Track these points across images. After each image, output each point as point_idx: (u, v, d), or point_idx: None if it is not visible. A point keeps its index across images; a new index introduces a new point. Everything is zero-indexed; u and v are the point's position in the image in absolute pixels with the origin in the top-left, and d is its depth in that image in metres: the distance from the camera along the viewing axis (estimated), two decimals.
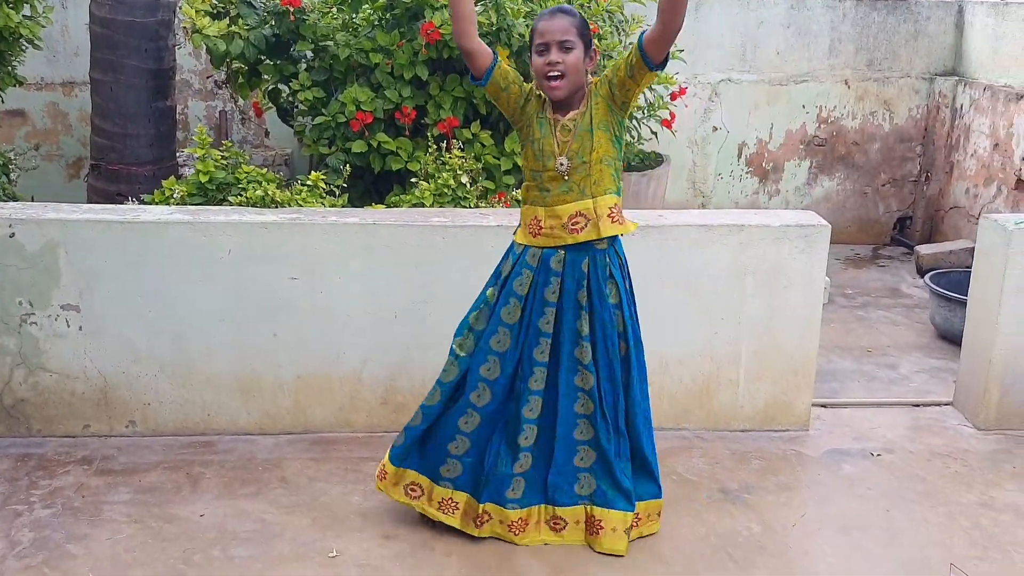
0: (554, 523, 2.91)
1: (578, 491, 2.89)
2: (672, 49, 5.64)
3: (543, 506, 2.91)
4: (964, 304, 4.21)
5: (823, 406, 3.96)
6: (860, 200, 7.23)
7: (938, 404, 4.04)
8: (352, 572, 2.79)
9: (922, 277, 5.59)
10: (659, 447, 3.56)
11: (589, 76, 2.68)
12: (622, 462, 2.87)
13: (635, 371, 2.84)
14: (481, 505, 2.87)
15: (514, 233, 2.86)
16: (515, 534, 2.89)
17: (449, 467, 2.88)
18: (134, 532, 2.95)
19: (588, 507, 2.89)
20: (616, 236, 2.77)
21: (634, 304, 2.88)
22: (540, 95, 2.73)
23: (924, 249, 6.36)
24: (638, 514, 2.91)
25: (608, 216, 2.70)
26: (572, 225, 2.68)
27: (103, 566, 2.78)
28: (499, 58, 2.69)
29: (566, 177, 2.67)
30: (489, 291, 2.82)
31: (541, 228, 2.72)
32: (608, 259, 2.76)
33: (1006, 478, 3.42)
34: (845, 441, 3.67)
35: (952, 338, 4.94)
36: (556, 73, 2.59)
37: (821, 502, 3.24)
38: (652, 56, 2.57)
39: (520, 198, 2.87)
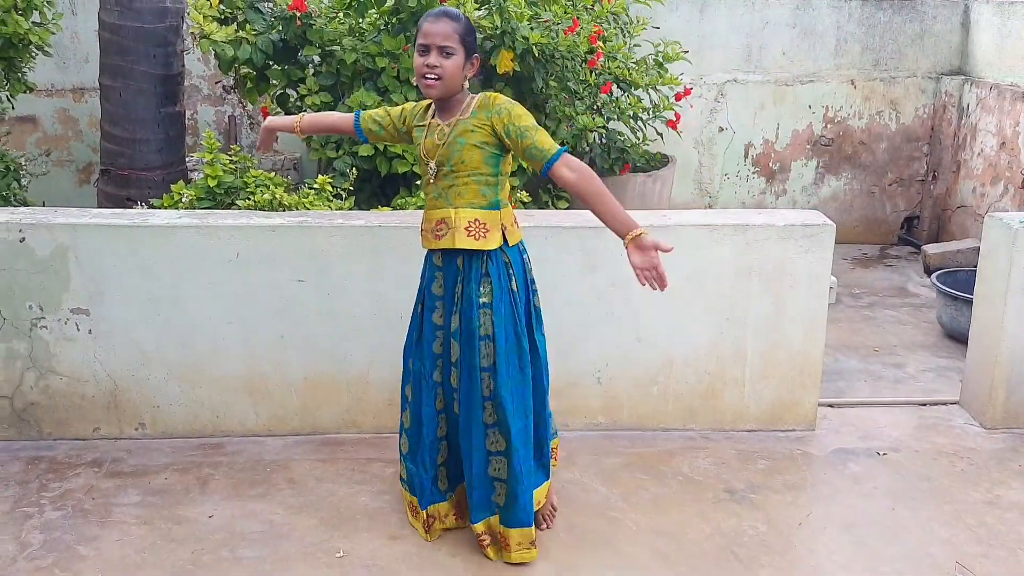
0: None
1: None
2: (677, 50, 5.66)
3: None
4: (971, 303, 4.21)
5: (829, 406, 3.96)
6: (867, 200, 7.23)
7: (944, 403, 4.04)
8: (359, 572, 2.81)
9: (929, 276, 5.58)
10: (665, 447, 3.59)
11: (466, 84, 2.69)
12: (479, 466, 2.80)
13: (503, 378, 2.72)
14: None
15: None
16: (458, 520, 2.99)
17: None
18: (144, 533, 2.98)
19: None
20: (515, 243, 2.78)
21: (529, 312, 2.80)
22: (417, 106, 2.82)
23: (931, 248, 6.35)
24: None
25: (465, 230, 2.69)
26: (437, 231, 2.74)
27: (113, 567, 2.81)
28: (359, 115, 2.91)
29: (433, 181, 2.72)
30: (418, 305, 2.93)
31: (423, 229, 2.82)
32: (486, 257, 2.71)
33: (1012, 476, 3.42)
34: (851, 440, 3.68)
35: (959, 337, 4.94)
36: (433, 76, 2.61)
37: (827, 501, 3.25)
38: (550, 176, 2.64)
39: None
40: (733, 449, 3.59)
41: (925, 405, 4.03)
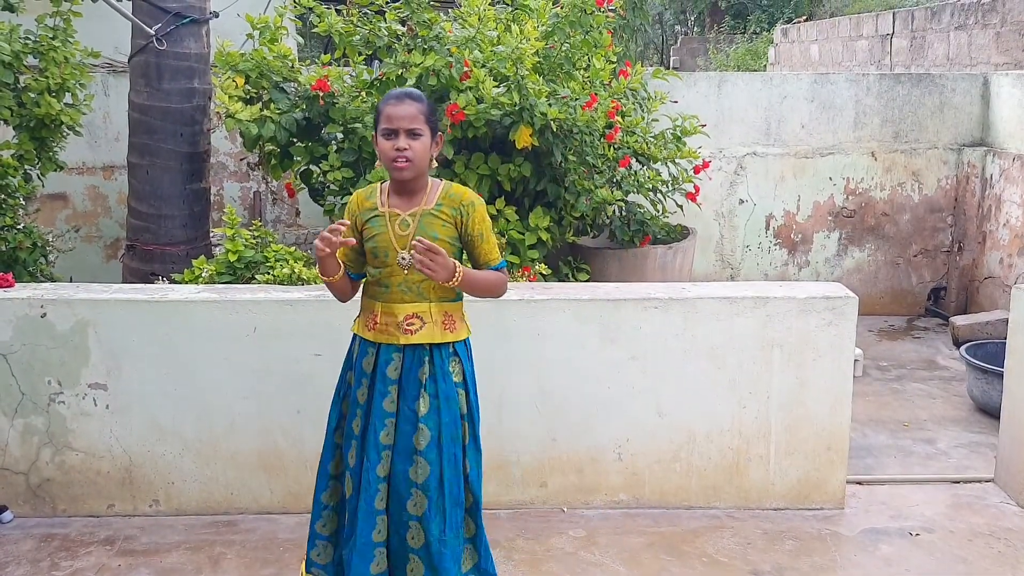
0: None
1: None
2: (695, 124, 5.71)
3: None
4: (1002, 376, 4.10)
5: (858, 483, 3.85)
6: (892, 271, 7.15)
7: (979, 481, 3.91)
8: None
9: (958, 348, 5.47)
10: (689, 526, 3.49)
11: (433, 162, 2.64)
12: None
13: (472, 459, 2.69)
14: None
15: (354, 321, 2.78)
16: None
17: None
18: None
19: None
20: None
21: (476, 392, 2.75)
22: (356, 196, 2.69)
23: (959, 320, 6.25)
24: None
25: (443, 323, 2.63)
26: (407, 326, 2.60)
27: None
28: (341, 265, 2.67)
29: (406, 272, 2.59)
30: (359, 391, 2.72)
31: (376, 323, 2.64)
32: (452, 345, 2.67)
33: None
34: (882, 520, 3.55)
35: (991, 411, 4.81)
36: (404, 159, 2.53)
37: None
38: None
39: (363, 292, 2.76)
40: (759, 529, 3.48)
41: (958, 483, 3.90)
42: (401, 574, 2.64)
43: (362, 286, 2.73)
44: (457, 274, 2.52)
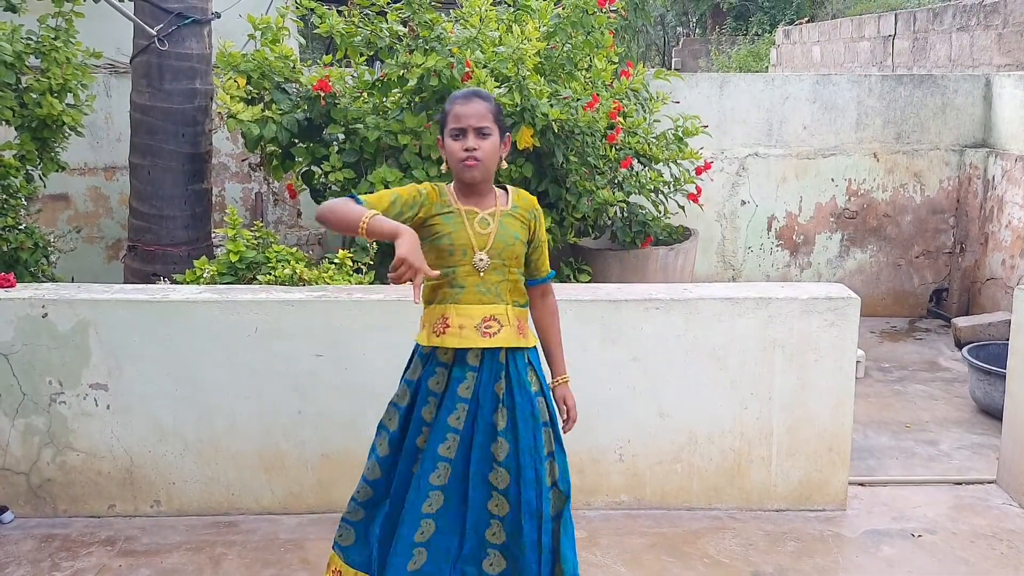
0: None
1: None
2: (696, 125, 5.71)
3: None
4: (1004, 377, 4.09)
5: (860, 484, 3.84)
6: (894, 272, 7.14)
7: (981, 482, 3.90)
8: None
9: (960, 350, 5.46)
10: (690, 527, 3.48)
11: (503, 163, 2.58)
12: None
13: (560, 465, 2.62)
14: None
15: (417, 338, 2.64)
16: None
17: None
18: None
19: None
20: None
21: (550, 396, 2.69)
22: (434, 189, 2.55)
23: (962, 322, 6.24)
24: None
25: (518, 327, 2.55)
26: (485, 328, 2.49)
27: None
28: (374, 208, 2.40)
29: (482, 274, 2.50)
30: (396, 395, 2.65)
31: (448, 326, 2.50)
32: (527, 351, 2.60)
33: None
34: (884, 521, 3.54)
35: (994, 413, 4.80)
36: (473, 159, 2.46)
37: None
38: (533, 287, 2.69)
39: (424, 300, 2.58)
40: (760, 530, 3.47)
41: (961, 484, 3.89)
42: (474, 570, 2.58)
43: (422, 290, 2.45)
44: (565, 378, 2.75)
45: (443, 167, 2.61)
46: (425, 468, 2.55)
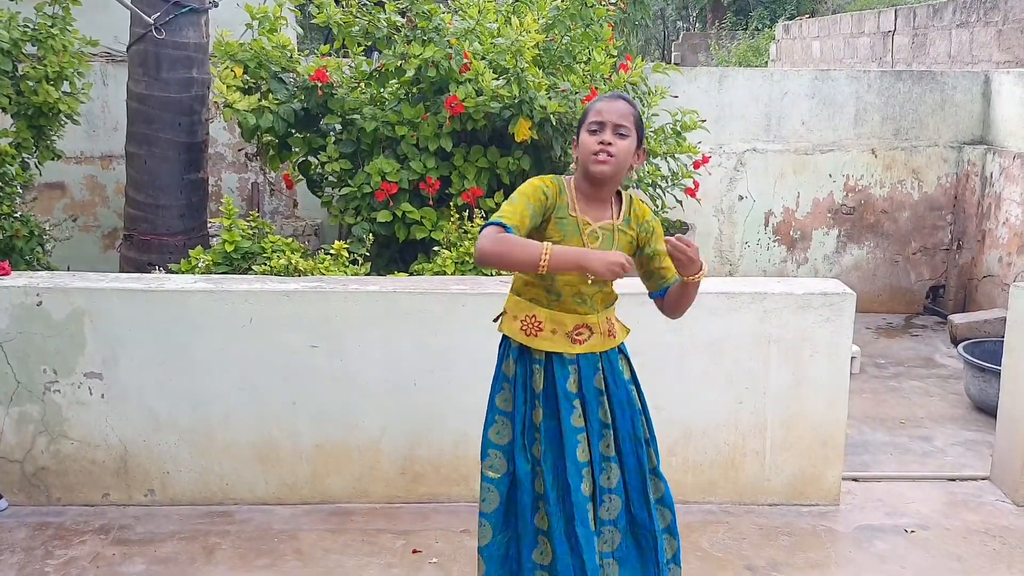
0: None
1: None
2: (695, 119, 5.69)
3: None
4: (999, 375, 4.10)
5: (854, 480, 3.84)
6: (891, 268, 7.15)
7: (974, 479, 3.90)
8: None
9: (956, 347, 5.47)
10: (683, 520, 3.46)
11: (633, 174, 2.57)
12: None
13: (656, 451, 2.64)
14: None
15: (497, 321, 2.59)
16: None
17: None
18: None
19: None
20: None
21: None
22: (554, 184, 2.48)
23: (958, 318, 6.25)
24: None
25: (608, 331, 2.55)
26: (576, 335, 2.49)
27: None
28: (511, 229, 2.34)
29: (581, 288, 2.46)
30: (499, 398, 2.58)
31: (541, 329, 2.49)
32: (618, 349, 2.63)
33: None
34: (877, 517, 3.55)
35: (988, 409, 4.80)
36: (606, 153, 2.41)
37: None
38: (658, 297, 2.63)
39: (512, 288, 2.58)
40: (754, 524, 3.47)
41: (954, 480, 3.90)
42: None
43: (517, 287, 2.53)
44: (703, 270, 2.49)
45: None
46: (575, 482, 2.48)
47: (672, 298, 2.60)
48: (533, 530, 2.54)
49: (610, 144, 2.41)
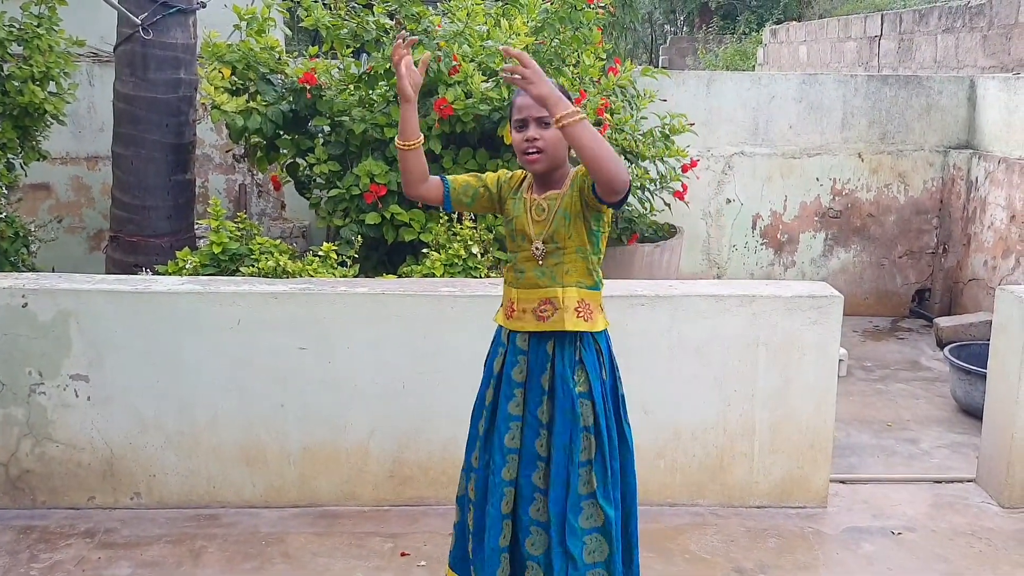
0: None
1: None
2: (683, 123, 5.70)
3: None
4: (985, 377, 4.12)
5: (841, 482, 3.86)
6: (877, 272, 7.18)
7: (961, 481, 3.92)
8: None
9: (942, 350, 5.50)
10: (672, 523, 3.48)
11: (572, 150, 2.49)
12: None
13: (600, 474, 2.49)
14: None
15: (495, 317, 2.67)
16: None
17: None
18: None
19: None
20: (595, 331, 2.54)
21: (616, 401, 2.58)
22: (518, 180, 2.60)
23: (944, 322, 6.28)
24: None
25: (575, 310, 2.48)
26: (540, 312, 2.50)
27: None
28: (449, 181, 2.61)
29: (540, 261, 2.49)
30: (487, 391, 2.62)
31: (514, 311, 2.55)
32: (579, 343, 2.50)
33: None
34: (864, 519, 3.56)
35: (974, 412, 4.83)
36: (535, 150, 2.44)
37: None
38: (602, 196, 2.36)
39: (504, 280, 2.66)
40: (742, 526, 3.48)
41: (941, 483, 3.92)
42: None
43: (504, 274, 2.63)
44: (572, 111, 2.22)
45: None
46: (497, 464, 2.52)
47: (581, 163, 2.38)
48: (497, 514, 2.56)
49: (536, 139, 2.43)
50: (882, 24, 10.09)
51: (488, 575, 2.52)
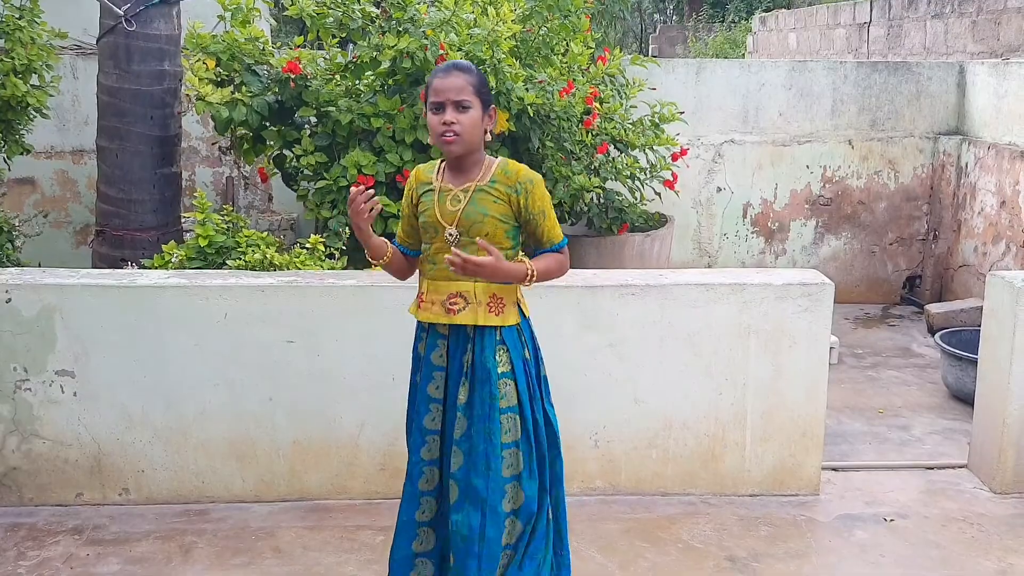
0: None
1: None
2: (673, 111, 5.67)
3: None
4: (976, 363, 4.12)
5: (833, 469, 3.85)
6: (868, 259, 7.19)
7: (952, 467, 3.93)
8: None
9: (933, 336, 5.51)
10: (665, 512, 3.47)
11: (488, 135, 2.51)
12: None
13: (526, 456, 2.50)
14: None
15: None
16: None
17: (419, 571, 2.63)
18: None
19: None
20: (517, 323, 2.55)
21: (540, 384, 2.59)
22: (417, 173, 2.60)
23: (934, 308, 6.29)
24: None
25: (487, 305, 2.48)
26: (450, 304, 2.49)
27: None
28: (397, 241, 2.68)
29: (454, 248, 2.45)
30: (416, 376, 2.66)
31: (423, 301, 2.55)
32: (501, 328, 2.51)
33: None
34: (857, 506, 3.56)
35: (965, 398, 4.84)
36: (451, 133, 2.42)
37: (832, 570, 3.13)
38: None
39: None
40: (734, 515, 3.47)
41: (932, 469, 3.92)
42: (447, 552, 2.57)
43: (419, 264, 2.62)
44: (529, 273, 2.45)
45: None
46: (415, 443, 2.57)
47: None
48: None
49: (453, 123, 2.41)
50: (871, 11, 10.07)
51: (402, 544, 2.58)
